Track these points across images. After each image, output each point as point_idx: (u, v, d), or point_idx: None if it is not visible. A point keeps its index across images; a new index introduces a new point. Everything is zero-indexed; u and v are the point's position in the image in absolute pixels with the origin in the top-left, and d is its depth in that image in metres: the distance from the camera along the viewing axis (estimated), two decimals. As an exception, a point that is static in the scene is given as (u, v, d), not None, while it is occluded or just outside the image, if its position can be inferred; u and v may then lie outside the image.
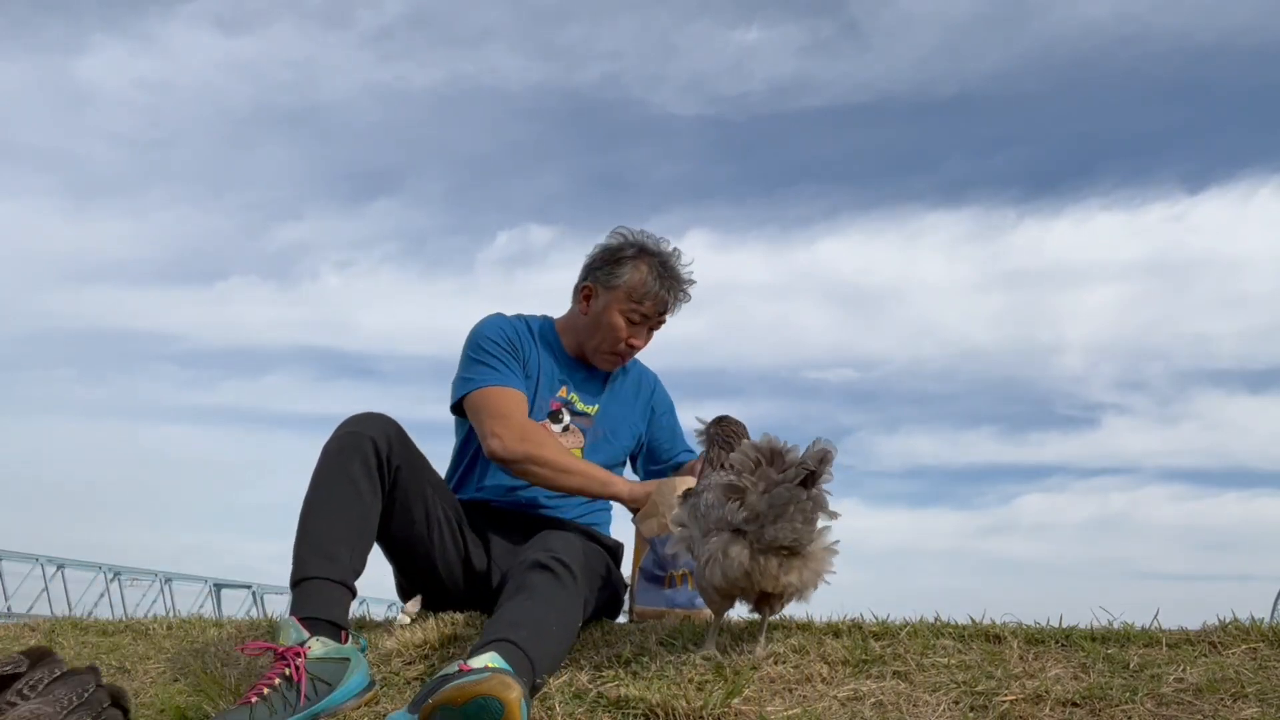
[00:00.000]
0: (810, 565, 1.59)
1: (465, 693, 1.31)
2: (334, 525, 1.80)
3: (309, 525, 1.80)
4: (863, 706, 1.43)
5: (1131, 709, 1.34)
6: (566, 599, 1.70)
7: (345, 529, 1.80)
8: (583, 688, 1.55)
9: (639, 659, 1.66)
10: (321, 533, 1.78)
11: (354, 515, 1.83)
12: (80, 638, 2.36)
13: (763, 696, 1.48)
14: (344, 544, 1.78)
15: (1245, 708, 1.30)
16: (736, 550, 1.56)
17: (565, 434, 2.26)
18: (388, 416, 1.96)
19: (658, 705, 1.40)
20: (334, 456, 1.86)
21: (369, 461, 1.86)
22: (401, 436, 1.95)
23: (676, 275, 2.29)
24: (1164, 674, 1.44)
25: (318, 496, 1.83)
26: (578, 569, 1.76)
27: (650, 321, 2.30)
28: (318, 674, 1.55)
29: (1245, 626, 1.63)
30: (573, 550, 1.80)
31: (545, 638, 1.58)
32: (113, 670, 2.00)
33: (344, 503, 1.82)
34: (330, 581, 1.73)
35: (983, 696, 1.41)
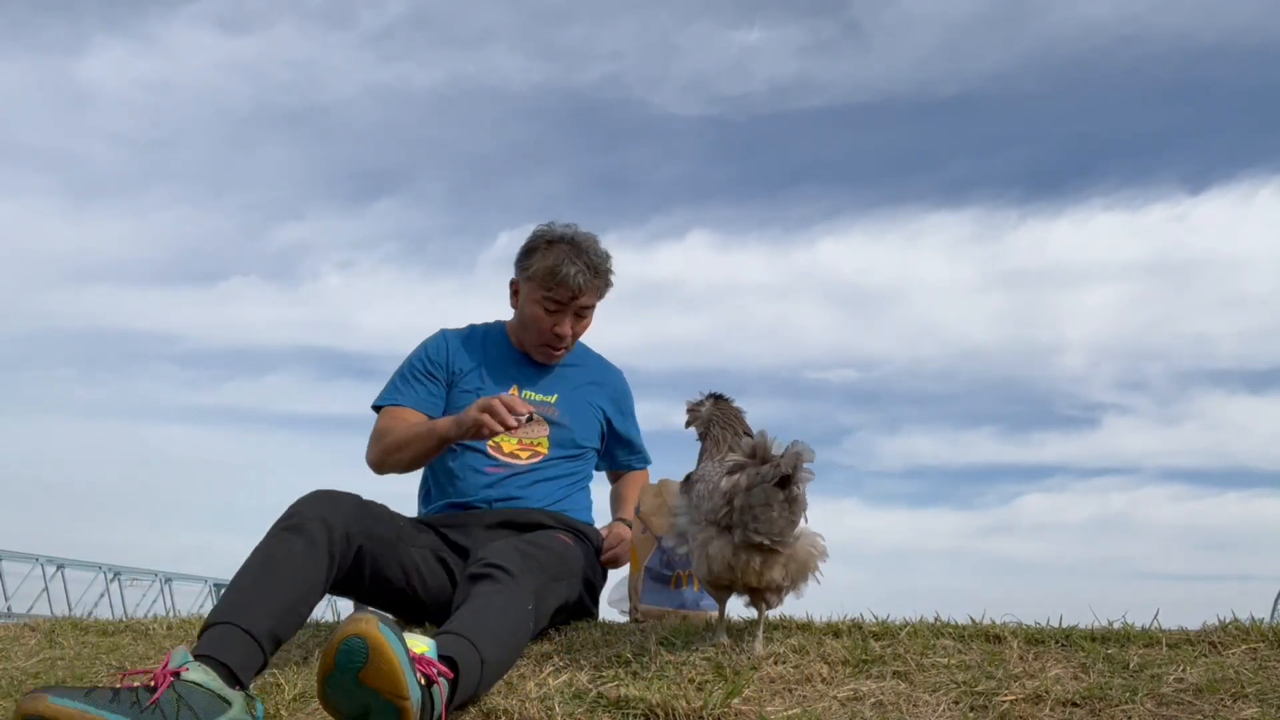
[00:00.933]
0: (794, 563, 1.61)
1: (329, 654, 1.26)
2: (262, 590, 1.60)
3: (231, 587, 1.62)
4: (863, 706, 1.42)
5: (1131, 709, 1.34)
6: (505, 591, 1.70)
7: (274, 597, 1.60)
8: (583, 688, 1.55)
9: (639, 659, 1.66)
10: (244, 593, 1.60)
11: (287, 586, 1.63)
12: (80, 638, 2.36)
13: (763, 696, 1.48)
14: (267, 606, 1.57)
15: (1245, 708, 1.30)
16: (719, 546, 1.60)
17: (527, 425, 2.21)
18: (340, 495, 1.84)
19: (658, 705, 1.40)
20: (274, 535, 1.71)
21: (317, 541, 1.70)
22: (357, 512, 1.84)
23: (586, 258, 2.26)
24: (1164, 674, 1.44)
25: (248, 565, 1.66)
26: (514, 567, 1.75)
27: (567, 307, 2.28)
28: (186, 696, 1.33)
29: (1245, 626, 1.63)
30: (507, 554, 1.80)
31: (480, 617, 1.58)
32: (113, 670, 2.00)
33: (279, 576, 1.63)
34: (239, 629, 1.50)
35: (983, 696, 1.41)
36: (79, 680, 1.92)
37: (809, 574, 1.66)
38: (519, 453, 2.25)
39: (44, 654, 2.16)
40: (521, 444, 2.26)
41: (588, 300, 2.31)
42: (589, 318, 2.37)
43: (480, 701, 1.53)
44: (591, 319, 2.39)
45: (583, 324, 2.36)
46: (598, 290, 2.32)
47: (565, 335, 2.30)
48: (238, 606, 1.55)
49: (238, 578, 1.64)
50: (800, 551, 1.61)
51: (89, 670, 2.00)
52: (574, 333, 2.34)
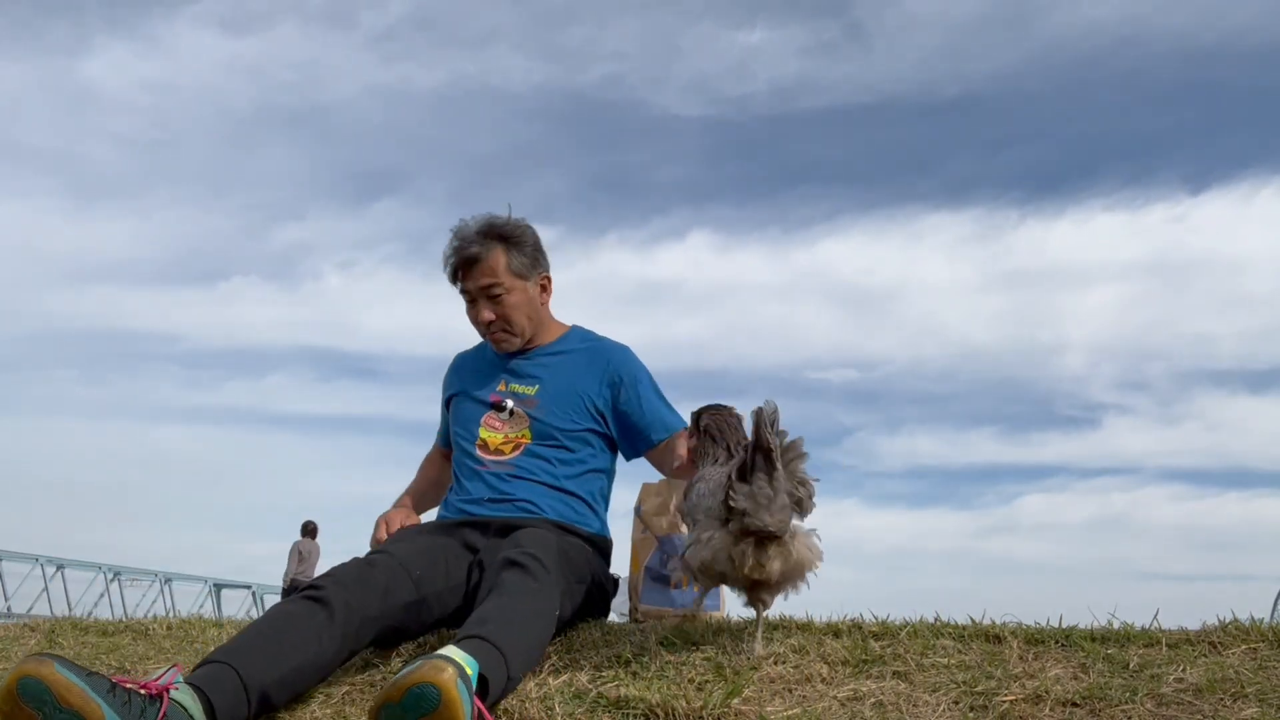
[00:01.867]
0: (792, 558, 1.59)
1: (399, 687, 1.27)
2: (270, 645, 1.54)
3: (242, 632, 1.58)
4: (863, 706, 1.42)
5: (1131, 709, 1.34)
6: (538, 591, 1.70)
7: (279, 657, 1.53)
8: (583, 688, 1.55)
9: (639, 659, 1.66)
10: (251, 642, 1.54)
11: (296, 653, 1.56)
12: (80, 638, 2.36)
13: (763, 696, 1.48)
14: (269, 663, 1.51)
15: (1245, 708, 1.30)
16: (720, 537, 1.59)
17: (511, 419, 2.26)
18: (370, 574, 1.77)
19: (658, 705, 1.40)
20: (299, 599, 1.67)
21: (335, 621, 1.64)
22: (383, 590, 1.77)
23: (457, 241, 2.25)
24: (1164, 674, 1.44)
25: (265, 618, 1.63)
26: (550, 562, 1.76)
27: (473, 292, 2.26)
28: (170, 714, 1.31)
29: (1245, 626, 1.63)
30: (545, 545, 1.81)
31: (514, 628, 1.56)
32: (113, 670, 2.00)
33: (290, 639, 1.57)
34: (234, 672, 1.45)
35: (983, 696, 1.41)
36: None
37: (806, 572, 1.64)
38: (503, 447, 2.25)
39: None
40: (507, 439, 2.26)
41: (486, 277, 2.23)
42: (509, 295, 2.25)
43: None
44: (522, 295, 2.28)
45: (505, 305, 2.26)
46: (492, 262, 2.23)
47: (485, 320, 2.26)
48: (239, 652, 1.50)
49: (252, 626, 1.61)
50: (799, 546, 1.60)
51: (89, 670, 2.00)
52: (499, 315, 2.26)
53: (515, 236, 2.26)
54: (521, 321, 2.29)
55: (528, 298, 2.30)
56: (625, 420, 2.29)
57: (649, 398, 2.31)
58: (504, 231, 2.25)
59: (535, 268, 2.32)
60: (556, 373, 2.31)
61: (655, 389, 2.34)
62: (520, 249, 2.27)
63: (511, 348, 2.33)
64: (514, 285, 2.26)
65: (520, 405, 2.27)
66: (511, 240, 2.26)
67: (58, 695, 1.23)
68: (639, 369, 2.35)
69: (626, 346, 2.40)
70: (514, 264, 2.25)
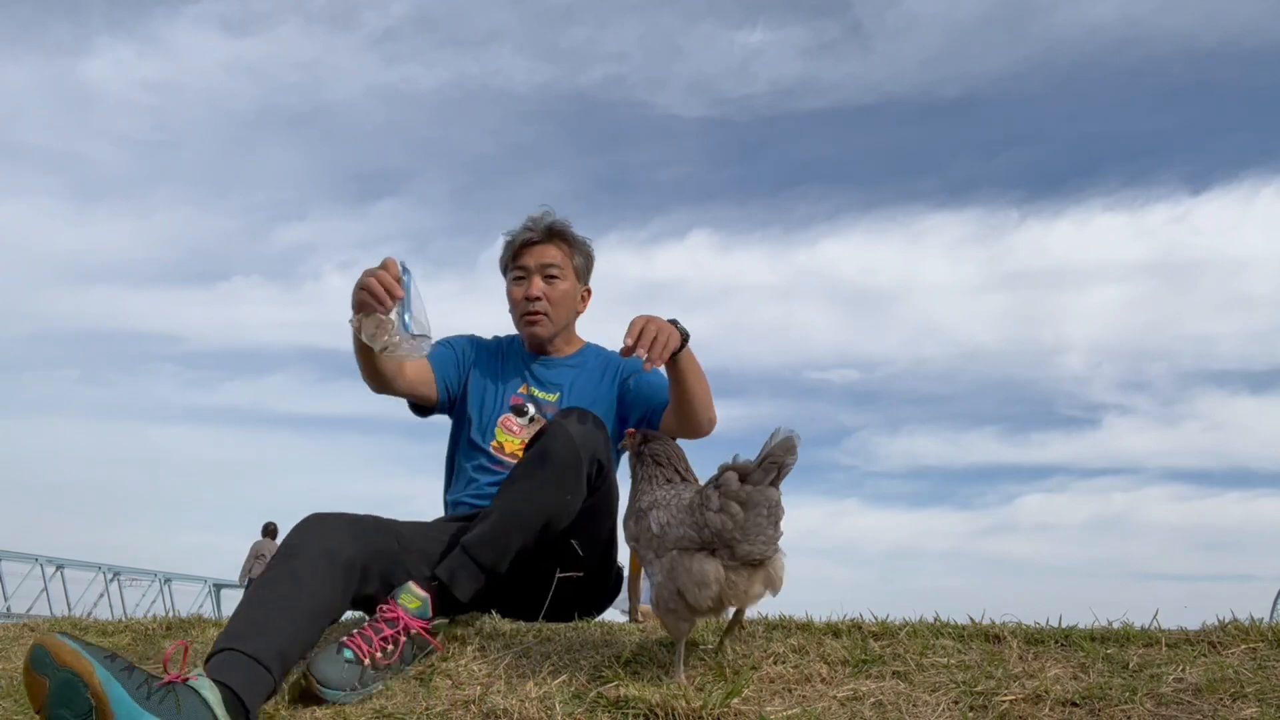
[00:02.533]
0: (773, 576, 1.51)
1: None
2: (265, 612, 1.57)
3: (234, 616, 1.59)
4: (862, 706, 1.43)
5: (1131, 709, 1.34)
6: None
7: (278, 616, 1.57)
8: (583, 688, 1.55)
9: (639, 659, 1.66)
10: (245, 618, 1.57)
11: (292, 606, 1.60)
12: (80, 638, 2.35)
13: (762, 696, 1.48)
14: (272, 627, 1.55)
15: (1245, 708, 1.30)
16: (711, 567, 1.47)
17: (530, 425, 2.29)
18: (331, 518, 1.79)
19: (658, 705, 1.40)
20: (273, 566, 1.67)
21: (318, 566, 1.67)
22: (353, 532, 1.79)
23: (537, 219, 2.37)
24: (1164, 674, 1.44)
25: (249, 596, 1.64)
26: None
27: (529, 269, 2.33)
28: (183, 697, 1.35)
29: (1245, 626, 1.63)
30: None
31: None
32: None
33: (282, 597, 1.60)
34: (242, 655, 1.47)
35: (982, 696, 1.41)
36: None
37: (777, 584, 1.53)
38: (519, 453, 2.24)
39: (44, 654, 2.16)
40: (524, 444, 2.25)
41: (549, 257, 2.34)
42: (562, 282, 2.36)
43: (480, 701, 1.53)
44: (572, 287, 2.38)
45: (556, 289, 2.35)
46: (558, 249, 2.35)
47: (535, 295, 2.32)
48: (238, 634, 1.51)
49: (240, 607, 1.60)
50: (776, 563, 1.51)
51: (89, 670, 2.00)
52: (547, 295, 2.33)
53: (582, 243, 2.43)
54: (561, 313, 2.37)
55: (573, 296, 2.41)
56: (638, 394, 2.31)
57: (654, 379, 2.32)
58: (575, 234, 2.41)
59: (587, 275, 2.46)
60: (577, 383, 2.37)
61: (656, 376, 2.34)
62: (582, 253, 2.42)
63: (542, 334, 2.35)
64: (569, 277, 2.38)
65: (541, 412, 2.29)
66: (577, 242, 2.42)
67: (55, 656, 1.33)
68: (636, 362, 2.33)
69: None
70: (575, 260, 2.40)
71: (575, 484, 1.87)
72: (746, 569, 1.47)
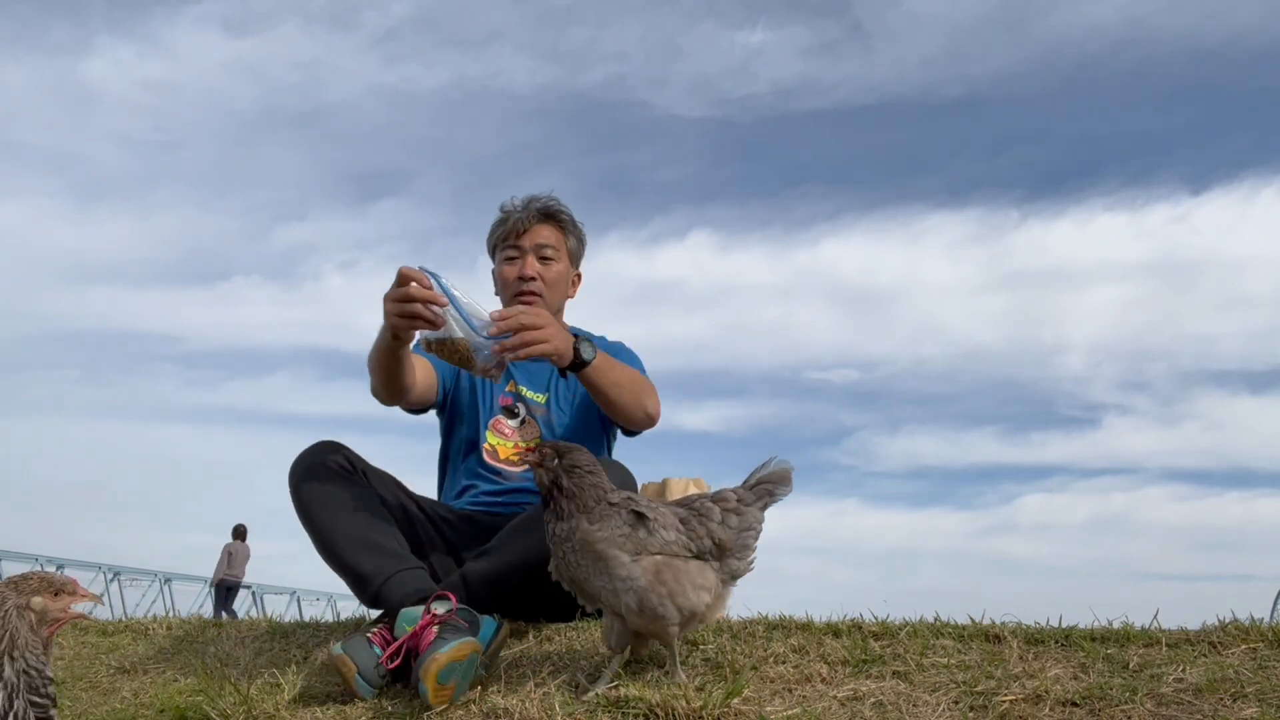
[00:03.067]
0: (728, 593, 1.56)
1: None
2: (361, 528, 1.85)
3: (343, 544, 1.85)
4: (863, 706, 1.42)
5: (1131, 709, 1.34)
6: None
7: (372, 528, 1.87)
8: (583, 688, 1.55)
9: (639, 659, 1.66)
10: (358, 541, 1.84)
11: (369, 515, 1.89)
12: (80, 638, 2.36)
13: (762, 696, 1.48)
14: (381, 539, 1.86)
15: (1245, 708, 1.30)
16: (712, 574, 1.49)
17: (523, 427, 2.25)
18: (333, 441, 2.02)
19: (658, 705, 1.40)
20: (313, 482, 1.91)
21: (345, 470, 1.95)
22: (351, 453, 2.02)
23: (530, 199, 2.34)
24: (1164, 674, 1.44)
25: (327, 519, 1.87)
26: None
27: (524, 250, 2.29)
28: (456, 622, 1.62)
29: (1245, 626, 1.63)
30: None
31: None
32: (113, 670, 2.00)
33: (354, 512, 1.87)
34: (405, 570, 1.80)
35: (982, 696, 1.41)
36: (78, 680, 1.92)
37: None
38: (513, 457, 2.23)
39: (44, 654, 2.16)
40: (518, 448, 2.24)
41: (543, 238, 2.30)
42: (556, 264, 2.32)
43: (480, 701, 1.53)
44: (565, 270, 2.34)
45: (550, 270, 2.30)
46: (553, 230, 2.32)
47: (529, 275, 2.27)
48: (376, 552, 1.83)
49: (334, 532, 1.86)
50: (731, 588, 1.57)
51: (89, 670, 2.00)
52: (541, 276, 2.28)
53: (577, 225, 2.40)
54: (554, 296, 2.33)
55: (566, 279, 2.37)
56: None
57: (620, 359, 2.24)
58: (570, 216, 2.38)
59: (579, 260, 2.42)
60: (562, 380, 2.32)
61: (632, 359, 2.33)
62: (576, 235, 2.39)
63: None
64: (563, 259, 2.35)
65: (531, 413, 2.27)
66: (571, 225, 2.38)
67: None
68: (623, 350, 2.36)
69: (620, 342, 2.41)
70: (569, 243, 2.37)
71: None
72: (729, 584, 1.53)
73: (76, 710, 1.71)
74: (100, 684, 1.88)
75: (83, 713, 1.69)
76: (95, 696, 1.79)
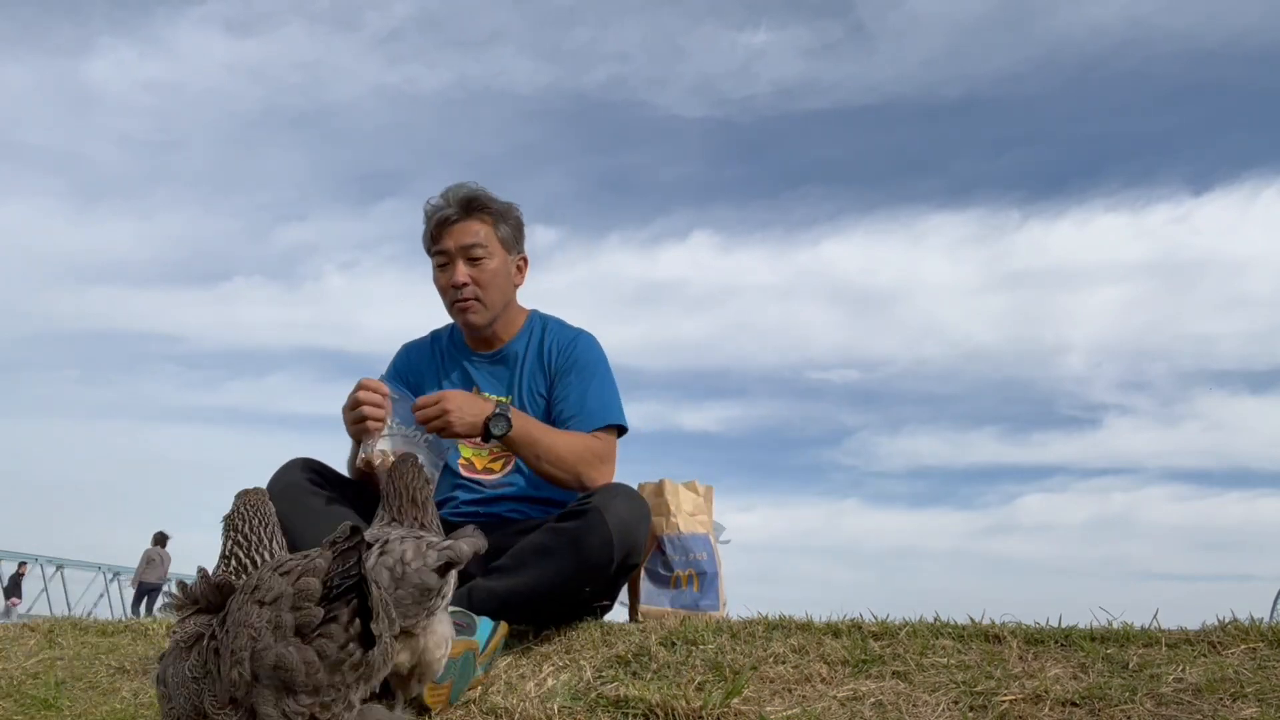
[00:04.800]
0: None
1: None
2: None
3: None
4: (862, 706, 1.42)
5: (1131, 709, 1.34)
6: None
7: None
8: (583, 688, 1.55)
9: (639, 659, 1.66)
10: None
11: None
12: (80, 638, 2.36)
13: (762, 696, 1.48)
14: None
15: (1245, 708, 1.30)
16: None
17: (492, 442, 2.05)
18: (305, 458, 2.04)
19: (658, 705, 1.40)
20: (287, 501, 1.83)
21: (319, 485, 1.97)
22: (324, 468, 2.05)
23: (452, 193, 2.18)
24: (1163, 674, 1.44)
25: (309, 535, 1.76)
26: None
27: (453, 251, 2.15)
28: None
29: (1245, 626, 1.63)
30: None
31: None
32: (113, 670, 2.00)
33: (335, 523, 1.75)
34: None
35: (982, 696, 1.41)
36: (78, 680, 1.92)
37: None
38: (492, 466, 2.20)
39: (44, 654, 2.16)
40: (493, 454, 2.20)
41: (470, 236, 2.15)
42: (490, 261, 2.16)
43: (480, 701, 1.53)
44: (501, 262, 2.19)
45: (483, 270, 2.15)
46: (479, 223, 2.16)
47: (460, 283, 2.13)
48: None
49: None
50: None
51: (89, 670, 2.00)
52: (474, 279, 2.15)
53: (503, 209, 2.21)
54: (494, 294, 2.18)
55: (506, 271, 2.21)
56: (552, 409, 2.19)
57: (575, 386, 2.18)
58: (493, 201, 2.20)
59: (517, 244, 2.25)
60: (524, 381, 2.22)
61: (590, 377, 2.20)
62: (507, 221, 2.22)
63: (479, 321, 2.18)
64: (496, 253, 2.18)
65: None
66: (499, 211, 2.21)
67: None
68: (581, 357, 2.22)
69: (579, 336, 2.28)
70: (500, 232, 2.19)
71: (599, 579, 1.90)
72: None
73: (76, 710, 1.71)
74: (100, 684, 1.88)
75: (83, 713, 1.69)
76: (95, 696, 1.79)
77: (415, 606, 1.25)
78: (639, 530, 1.91)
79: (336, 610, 0.88)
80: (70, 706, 1.73)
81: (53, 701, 1.75)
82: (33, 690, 1.83)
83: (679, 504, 2.27)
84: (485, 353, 2.28)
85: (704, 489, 2.39)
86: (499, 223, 2.20)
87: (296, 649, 0.86)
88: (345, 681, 0.87)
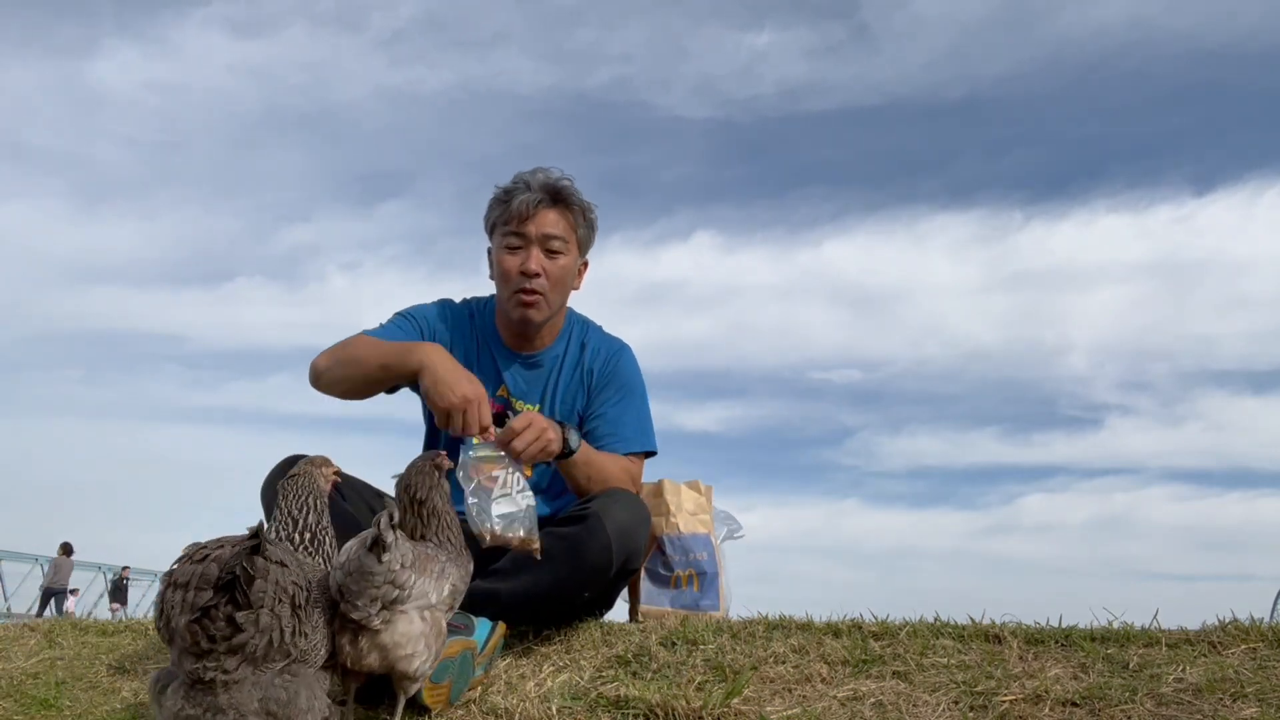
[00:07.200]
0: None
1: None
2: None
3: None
4: (863, 706, 1.42)
5: (1131, 709, 1.33)
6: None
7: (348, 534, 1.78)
8: (583, 688, 1.55)
9: (639, 659, 1.66)
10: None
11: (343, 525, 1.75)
12: (80, 638, 2.35)
13: (762, 696, 1.48)
14: None
15: (1245, 708, 1.30)
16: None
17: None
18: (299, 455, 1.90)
19: (658, 705, 1.40)
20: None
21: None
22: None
23: (541, 180, 2.08)
24: (1164, 674, 1.44)
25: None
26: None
27: (528, 238, 2.06)
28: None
29: (1245, 626, 1.63)
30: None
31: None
32: (113, 670, 2.00)
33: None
34: None
35: (982, 696, 1.41)
36: (78, 680, 1.92)
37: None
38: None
39: (44, 654, 2.16)
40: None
41: (551, 227, 2.07)
42: (564, 257, 2.09)
43: (480, 701, 1.53)
44: (573, 261, 2.12)
45: (557, 264, 2.07)
46: (563, 216, 2.09)
47: (532, 272, 2.04)
48: None
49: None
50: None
51: (89, 670, 2.00)
52: (547, 272, 2.06)
53: (586, 207, 2.14)
54: (558, 294, 2.11)
55: (573, 272, 2.15)
56: (585, 422, 2.15)
57: (613, 405, 2.16)
58: (579, 197, 2.12)
59: (588, 248, 2.19)
60: (558, 391, 2.16)
61: (628, 396, 2.17)
62: (588, 223, 2.15)
63: (538, 318, 2.09)
64: (571, 250, 2.11)
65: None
66: (582, 208, 2.13)
67: None
68: (622, 374, 2.20)
69: (620, 349, 2.25)
70: (580, 231, 2.13)
71: (598, 585, 1.89)
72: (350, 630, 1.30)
73: (76, 710, 1.71)
74: (100, 684, 1.88)
75: (83, 713, 1.69)
76: (95, 696, 1.79)
77: (363, 596, 1.26)
78: (638, 536, 1.91)
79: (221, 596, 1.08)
80: (70, 706, 1.73)
81: (53, 701, 1.75)
82: (33, 690, 1.83)
83: (680, 503, 2.27)
84: (521, 352, 2.17)
85: (705, 489, 2.39)
86: (580, 221, 2.13)
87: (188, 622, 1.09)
88: (219, 653, 1.09)
